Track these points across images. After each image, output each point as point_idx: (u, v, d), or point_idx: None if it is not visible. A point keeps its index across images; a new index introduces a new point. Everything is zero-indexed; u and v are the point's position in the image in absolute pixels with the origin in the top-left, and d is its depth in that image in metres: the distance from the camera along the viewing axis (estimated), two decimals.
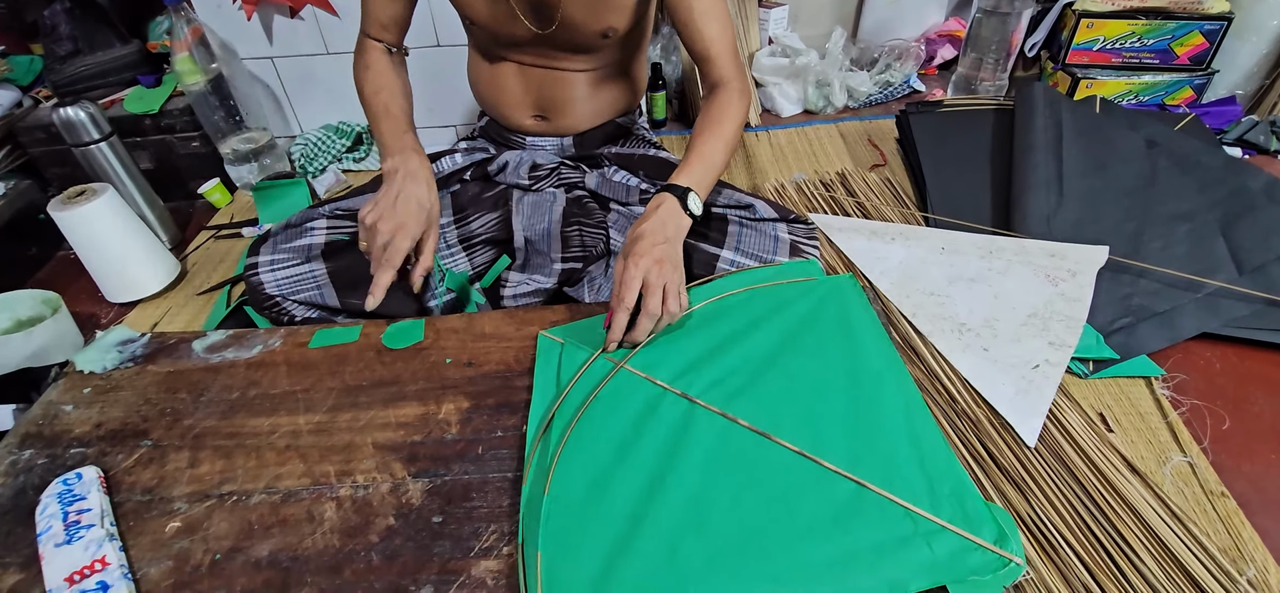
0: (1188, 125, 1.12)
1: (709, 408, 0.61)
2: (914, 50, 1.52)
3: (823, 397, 0.63)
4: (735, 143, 0.79)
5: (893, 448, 0.58)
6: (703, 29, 0.78)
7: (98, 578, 0.53)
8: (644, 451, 0.58)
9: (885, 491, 0.54)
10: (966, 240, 0.94)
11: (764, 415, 0.60)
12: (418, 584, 0.52)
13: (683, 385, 0.64)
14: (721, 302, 0.74)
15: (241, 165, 1.30)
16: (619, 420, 0.61)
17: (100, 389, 0.73)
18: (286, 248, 0.84)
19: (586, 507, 0.55)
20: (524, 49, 0.85)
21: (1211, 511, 0.62)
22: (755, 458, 0.58)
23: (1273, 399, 0.73)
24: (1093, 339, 0.79)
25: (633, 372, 0.66)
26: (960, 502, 0.53)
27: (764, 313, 0.72)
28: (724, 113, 0.78)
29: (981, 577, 0.49)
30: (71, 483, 0.61)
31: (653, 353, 0.68)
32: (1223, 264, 0.86)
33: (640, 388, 0.64)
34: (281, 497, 0.59)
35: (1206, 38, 1.25)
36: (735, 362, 0.66)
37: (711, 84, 0.82)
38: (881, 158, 1.26)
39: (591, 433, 0.61)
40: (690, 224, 0.72)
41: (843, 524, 0.52)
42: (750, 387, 0.64)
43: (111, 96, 1.28)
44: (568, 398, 0.64)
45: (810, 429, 0.59)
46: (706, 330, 0.70)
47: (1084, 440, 0.67)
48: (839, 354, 0.67)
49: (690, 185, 0.72)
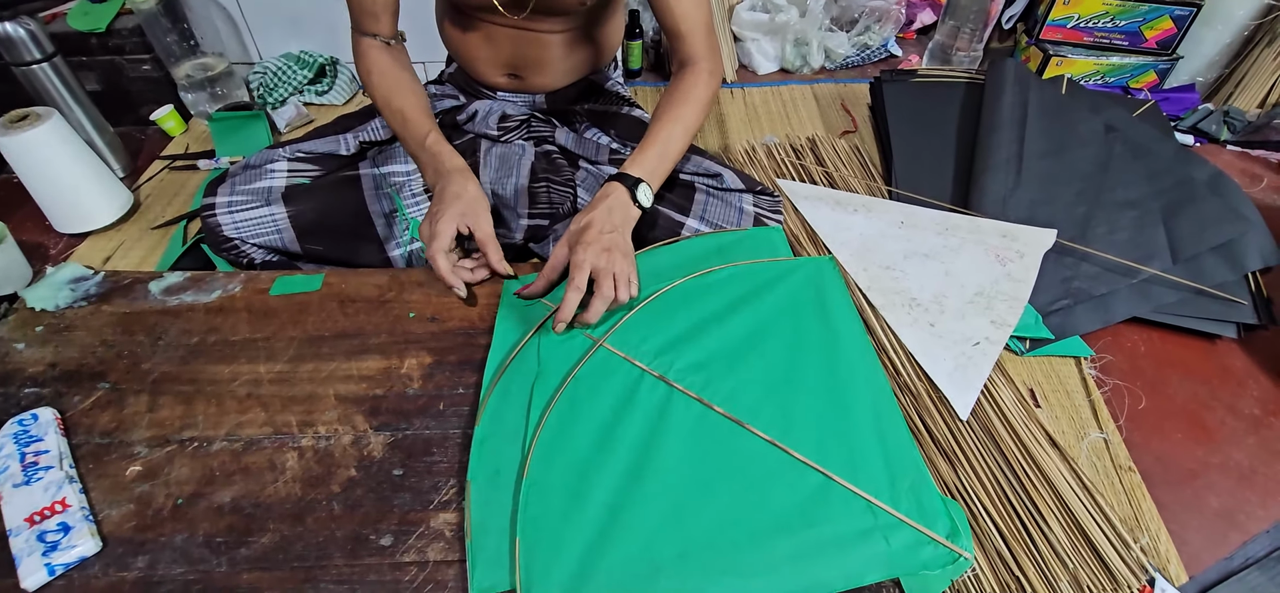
0: (1146, 113, 1.16)
1: (687, 393, 0.63)
2: (894, 12, 1.51)
3: (797, 385, 0.64)
4: (698, 125, 0.79)
5: (859, 440, 0.60)
6: (676, 6, 0.77)
7: (59, 519, 0.54)
8: (622, 437, 0.59)
9: (850, 484, 0.56)
10: (925, 216, 0.97)
11: (740, 402, 0.62)
12: (378, 534, 0.54)
13: (662, 366, 0.65)
14: (705, 278, 0.74)
15: (196, 92, 1.24)
16: (598, 403, 0.62)
17: (53, 328, 0.71)
18: (245, 189, 0.82)
19: (564, 494, 0.55)
20: (499, 13, 0.82)
21: (1118, 484, 0.68)
22: (730, 446, 0.59)
23: (1186, 382, 0.79)
24: (1032, 319, 0.84)
25: (612, 351, 0.67)
26: (918, 496, 0.56)
27: (745, 293, 0.73)
28: (690, 94, 0.78)
29: (932, 571, 0.52)
30: (27, 423, 0.61)
31: (633, 330, 0.69)
32: (1160, 252, 0.91)
33: (619, 368, 0.65)
34: (243, 445, 0.60)
35: (1175, 22, 1.27)
36: (715, 344, 0.67)
37: (680, 60, 0.81)
38: (853, 124, 1.27)
39: (570, 415, 0.61)
40: (639, 215, 0.73)
41: (808, 516, 0.55)
42: (729, 371, 0.65)
43: (53, 10, 1.20)
44: (544, 375, 0.64)
45: (783, 418, 0.61)
46: (688, 309, 0.71)
47: (1012, 416, 0.72)
48: (816, 341, 0.69)
49: (642, 176, 0.73)
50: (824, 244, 0.93)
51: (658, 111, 0.78)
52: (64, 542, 0.53)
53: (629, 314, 0.70)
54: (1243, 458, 0.71)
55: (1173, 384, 0.79)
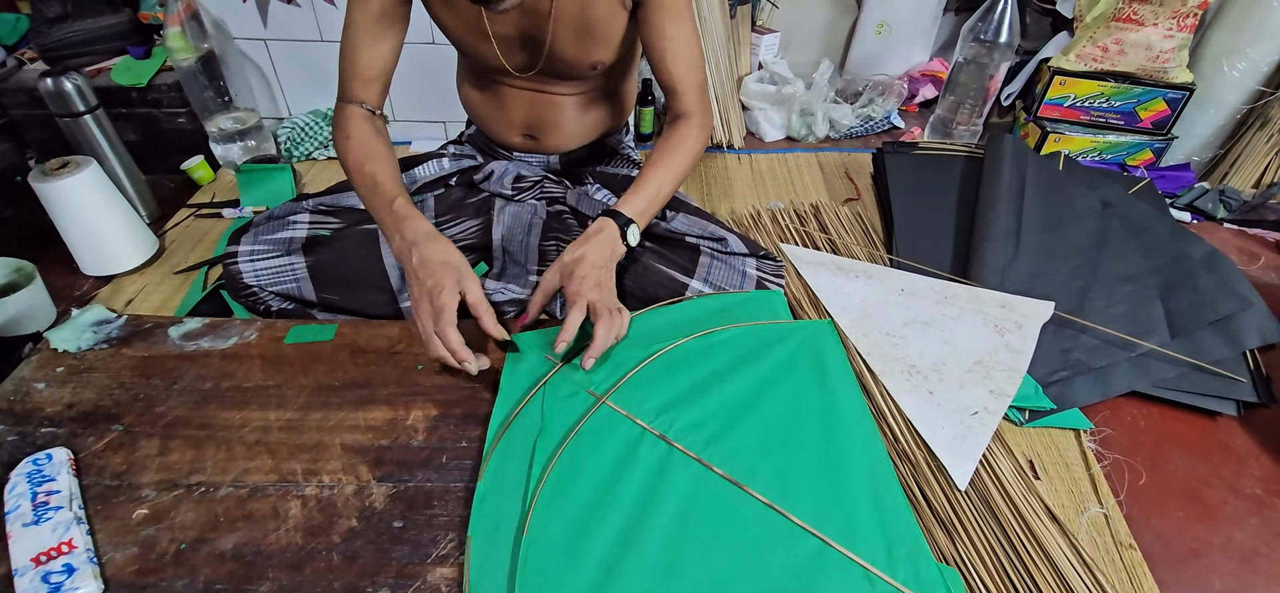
0: (1141, 190, 1.18)
1: (687, 453, 0.64)
2: (897, 87, 1.57)
3: (795, 448, 0.65)
4: (686, 173, 0.84)
5: (856, 505, 0.60)
6: (672, 68, 0.82)
7: (64, 561, 0.55)
8: (622, 494, 0.60)
9: (847, 550, 0.57)
10: (925, 284, 0.99)
11: (739, 464, 0.63)
12: (375, 586, 0.55)
13: (663, 425, 0.66)
14: (706, 339, 0.76)
15: (227, 144, 1.30)
16: (599, 460, 0.63)
17: (74, 369, 0.74)
18: (267, 239, 0.85)
19: (564, 552, 0.56)
20: (513, 76, 0.87)
21: (1119, 561, 0.67)
22: (729, 508, 0.60)
23: (1187, 459, 0.79)
24: (1032, 389, 0.84)
25: (614, 409, 0.68)
26: (914, 564, 0.56)
27: (745, 354, 0.74)
28: (681, 144, 0.83)
29: None
30: (41, 463, 0.62)
31: (635, 389, 0.70)
32: (1158, 327, 0.92)
33: (621, 425, 0.66)
34: (248, 491, 0.62)
35: (1169, 105, 1.31)
36: (714, 405, 0.69)
37: (674, 114, 0.86)
38: (856, 192, 1.31)
39: (571, 472, 0.62)
40: (624, 252, 0.78)
41: (805, 582, 0.55)
42: (727, 432, 0.66)
43: (99, 65, 1.27)
44: (547, 431, 0.66)
45: (781, 481, 0.62)
46: (689, 369, 0.73)
47: (1011, 487, 0.72)
48: (814, 405, 0.70)
49: (633, 216, 0.78)
50: (825, 308, 0.94)
51: (651, 158, 0.83)
52: (67, 584, 0.54)
53: (633, 372, 0.71)
54: (1245, 539, 0.70)
55: (1173, 461, 0.79)
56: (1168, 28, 1.24)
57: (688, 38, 0.81)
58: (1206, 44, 1.31)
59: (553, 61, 0.82)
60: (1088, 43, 1.31)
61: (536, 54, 0.81)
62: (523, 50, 0.82)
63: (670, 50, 0.81)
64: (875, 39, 1.60)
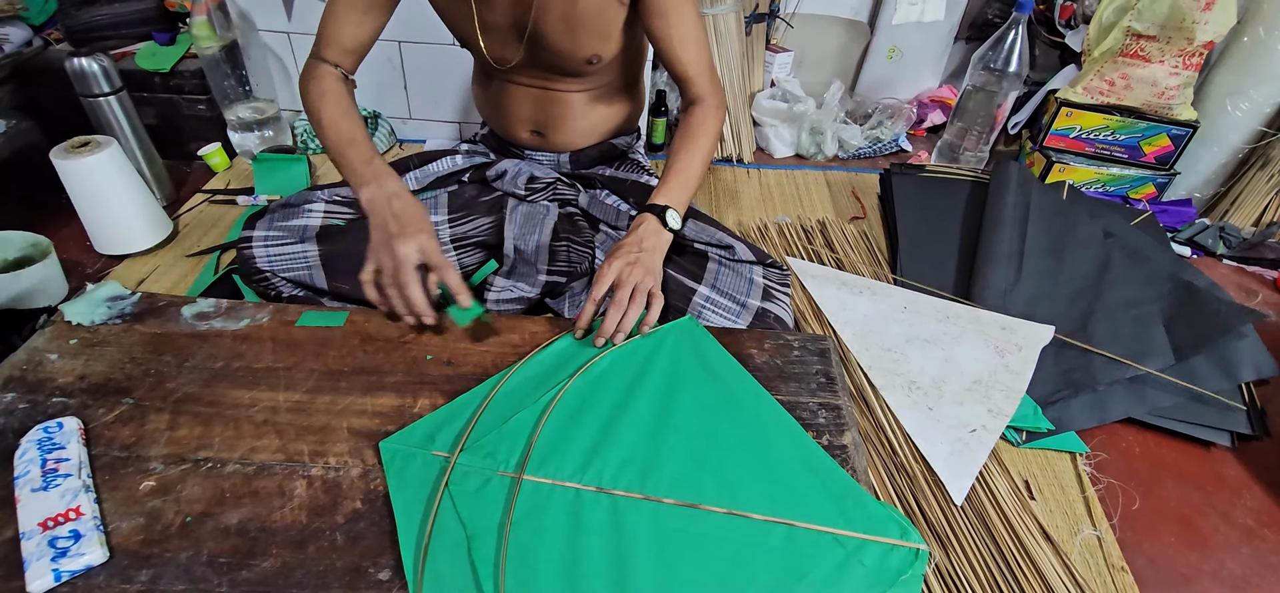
0: (1143, 222, 1.20)
1: (634, 496, 0.60)
2: (906, 111, 1.59)
3: (723, 448, 0.63)
4: (711, 152, 0.85)
5: (795, 479, 0.60)
6: (681, 53, 0.84)
7: (71, 527, 0.56)
8: (591, 568, 0.55)
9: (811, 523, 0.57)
10: (928, 303, 1.00)
11: (685, 485, 0.60)
12: (377, 568, 0.55)
13: (593, 478, 0.61)
14: (588, 374, 0.71)
15: (245, 133, 1.32)
16: (550, 543, 0.57)
17: (86, 342, 0.75)
18: (282, 226, 0.87)
19: None
20: (518, 70, 0.89)
21: (1111, 583, 0.68)
22: (696, 532, 0.57)
23: (1180, 487, 0.79)
24: (1030, 409, 0.85)
25: (538, 481, 0.61)
26: (863, 509, 0.57)
27: (632, 376, 0.70)
28: (701, 127, 0.85)
29: (905, 574, 0.53)
30: (52, 431, 0.63)
31: (548, 455, 0.63)
32: (1161, 351, 0.92)
33: (552, 496, 0.60)
34: (255, 469, 0.62)
35: (1173, 141, 1.33)
36: (631, 437, 0.64)
37: (689, 100, 0.88)
38: (862, 210, 1.32)
39: (527, 567, 0.55)
40: (670, 239, 0.79)
41: (793, 569, 0.55)
42: (657, 458, 0.62)
43: (124, 49, 1.30)
44: (477, 536, 0.57)
45: (727, 485, 0.60)
46: (588, 411, 0.67)
47: (1007, 505, 0.72)
48: (717, 399, 0.68)
49: (668, 203, 0.79)
50: (829, 322, 0.96)
51: (674, 146, 0.85)
52: (73, 549, 0.54)
53: (535, 435, 0.65)
54: (1236, 568, 0.71)
55: (1167, 487, 0.79)
56: (1174, 65, 1.26)
57: (693, 21, 0.83)
58: (1211, 83, 1.34)
59: (542, 52, 0.83)
60: (1095, 76, 1.33)
61: (528, 45, 0.83)
62: (513, 41, 0.83)
63: (676, 37, 0.82)
64: (886, 63, 1.62)
